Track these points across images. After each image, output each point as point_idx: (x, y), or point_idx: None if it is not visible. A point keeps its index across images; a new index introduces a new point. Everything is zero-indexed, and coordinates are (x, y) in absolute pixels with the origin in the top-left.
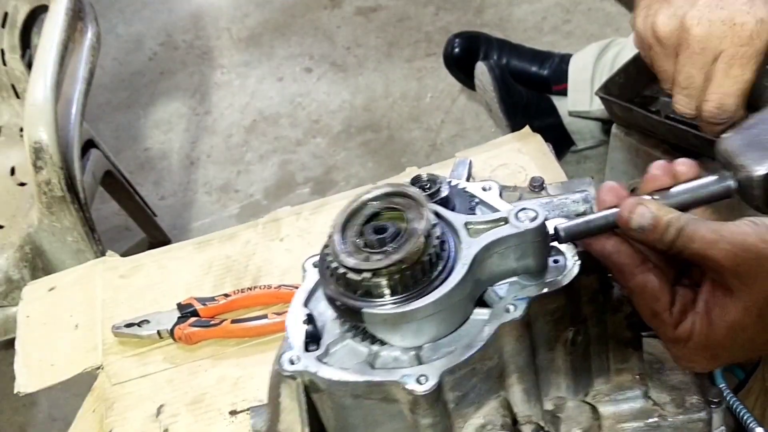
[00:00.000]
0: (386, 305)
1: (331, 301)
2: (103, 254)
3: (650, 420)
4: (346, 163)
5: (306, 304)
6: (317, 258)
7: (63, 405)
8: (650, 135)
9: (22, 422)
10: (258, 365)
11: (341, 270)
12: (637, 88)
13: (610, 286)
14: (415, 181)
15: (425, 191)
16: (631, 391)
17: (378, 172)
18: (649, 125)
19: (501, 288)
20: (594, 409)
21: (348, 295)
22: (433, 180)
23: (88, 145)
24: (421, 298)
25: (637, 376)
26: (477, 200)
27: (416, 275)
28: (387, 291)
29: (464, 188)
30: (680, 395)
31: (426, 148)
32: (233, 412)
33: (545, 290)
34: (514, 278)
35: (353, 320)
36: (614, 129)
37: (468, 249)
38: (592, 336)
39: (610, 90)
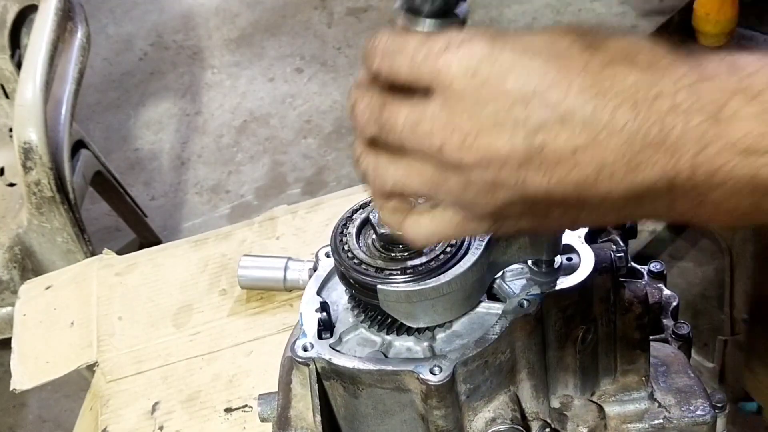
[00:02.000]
0: (401, 282)
1: (345, 278)
2: (93, 255)
3: (655, 421)
4: (337, 163)
5: (319, 292)
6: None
7: (53, 406)
8: None
9: (11, 423)
10: (253, 363)
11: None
12: None
13: (621, 286)
14: None
15: None
16: (637, 392)
17: None
18: None
19: (515, 284)
20: (600, 408)
21: (362, 271)
22: None
23: (78, 146)
24: (436, 276)
25: (644, 378)
26: None
27: None
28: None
29: None
30: (685, 398)
31: None
32: (228, 410)
33: (558, 287)
34: (528, 274)
35: (367, 297)
36: None
37: None
38: (601, 336)
39: None
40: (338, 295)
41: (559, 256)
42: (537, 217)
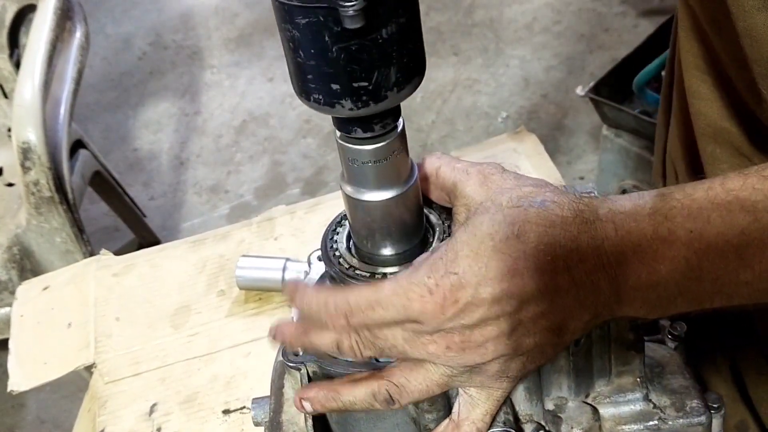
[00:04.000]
0: None
1: (335, 282)
2: (92, 255)
3: (650, 423)
4: (337, 163)
5: None
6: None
7: (51, 407)
8: (640, 136)
9: (11, 424)
10: (251, 364)
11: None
12: (627, 90)
13: None
14: None
15: None
16: (632, 393)
17: None
18: (639, 126)
19: None
20: (595, 410)
21: (352, 275)
22: None
23: (77, 146)
24: None
25: (638, 379)
26: None
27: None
28: (392, 270)
29: None
30: (680, 399)
31: (417, 148)
32: (226, 411)
33: None
34: None
35: None
36: (604, 131)
37: None
38: (594, 337)
39: (600, 91)
40: None
41: None
42: (535, 358)
